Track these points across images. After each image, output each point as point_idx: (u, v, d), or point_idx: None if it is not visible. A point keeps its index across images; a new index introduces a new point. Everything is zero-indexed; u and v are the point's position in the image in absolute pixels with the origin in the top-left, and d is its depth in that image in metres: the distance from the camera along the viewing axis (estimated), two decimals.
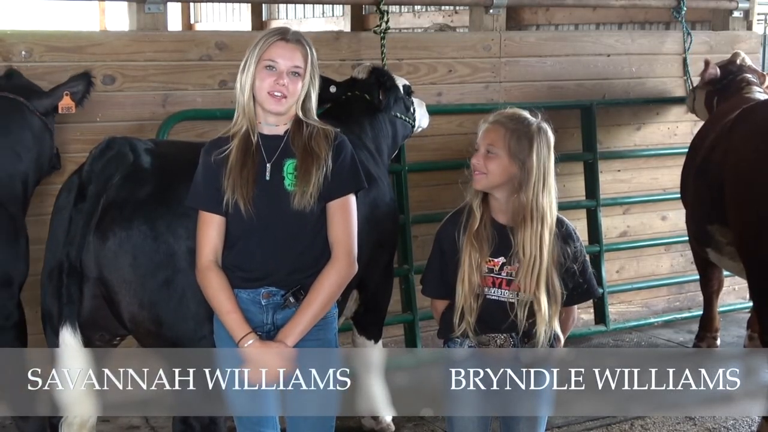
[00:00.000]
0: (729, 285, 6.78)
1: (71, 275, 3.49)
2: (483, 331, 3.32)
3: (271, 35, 3.20)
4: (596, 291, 3.51)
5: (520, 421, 3.42)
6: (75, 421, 3.51)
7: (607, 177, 6.77)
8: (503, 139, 3.27)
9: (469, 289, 3.29)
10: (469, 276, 3.29)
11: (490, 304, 3.31)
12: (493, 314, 3.31)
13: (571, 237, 3.37)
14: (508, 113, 3.35)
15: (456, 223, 3.37)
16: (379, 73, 4.90)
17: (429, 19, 11.10)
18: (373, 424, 4.94)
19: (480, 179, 3.30)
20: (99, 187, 3.53)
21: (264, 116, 3.24)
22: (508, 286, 3.30)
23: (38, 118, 4.40)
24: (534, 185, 3.26)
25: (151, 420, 5.04)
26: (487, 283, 3.31)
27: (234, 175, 3.18)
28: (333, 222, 3.25)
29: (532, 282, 3.24)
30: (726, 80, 6.09)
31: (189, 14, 16.38)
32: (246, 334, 3.19)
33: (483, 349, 3.33)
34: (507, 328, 3.31)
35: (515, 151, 3.26)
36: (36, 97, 4.44)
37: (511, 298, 3.29)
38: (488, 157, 3.28)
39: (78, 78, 4.56)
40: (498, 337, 3.33)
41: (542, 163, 3.28)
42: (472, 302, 3.29)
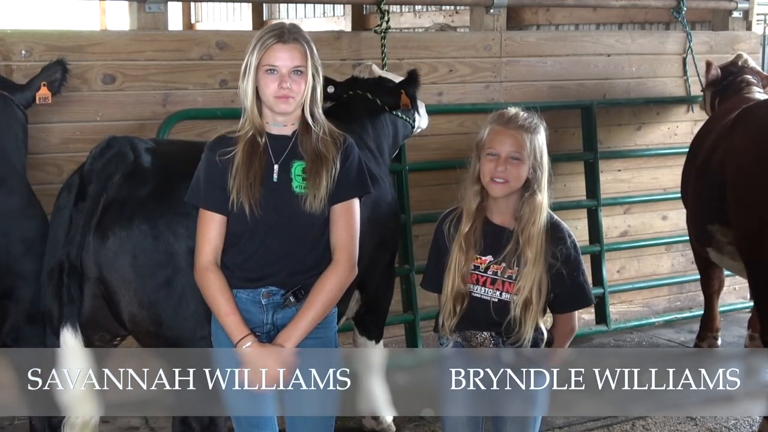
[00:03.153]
0: (730, 285, 6.79)
1: (71, 275, 3.48)
2: (466, 328, 3.33)
3: (268, 37, 3.15)
4: (589, 299, 3.45)
5: (507, 422, 3.41)
6: (77, 421, 3.49)
7: (608, 177, 6.77)
8: (528, 145, 3.24)
9: (451, 289, 3.30)
10: (454, 277, 3.30)
11: (474, 302, 3.31)
12: (476, 312, 3.31)
13: (563, 240, 3.32)
14: (517, 115, 3.30)
15: (449, 221, 3.37)
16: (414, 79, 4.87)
17: (430, 18, 11.10)
18: (373, 425, 4.93)
19: (503, 188, 3.25)
20: (99, 186, 3.52)
21: (272, 116, 3.22)
22: (492, 284, 3.30)
23: (22, 112, 4.40)
24: (544, 182, 3.27)
25: (150, 420, 5.04)
26: (472, 280, 3.31)
27: (240, 176, 3.15)
28: (336, 225, 3.24)
29: (528, 283, 3.24)
30: (726, 81, 6.10)
31: (190, 14, 16.39)
32: (244, 336, 3.17)
33: (466, 347, 3.34)
34: (489, 326, 3.31)
35: (534, 153, 3.25)
36: (18, 91, 4.44)
37: (494, 297, 3.30)
38: (512, 164, 3.23)
39: (53, 66, 4.56)
40: (479, 334, 3.33)
41: (548, 161, 3.30)
42: (456, 301, 3.30)
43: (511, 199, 3.30)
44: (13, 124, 4.31)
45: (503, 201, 3.31)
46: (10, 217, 3.94)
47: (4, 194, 3.98)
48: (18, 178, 4.12)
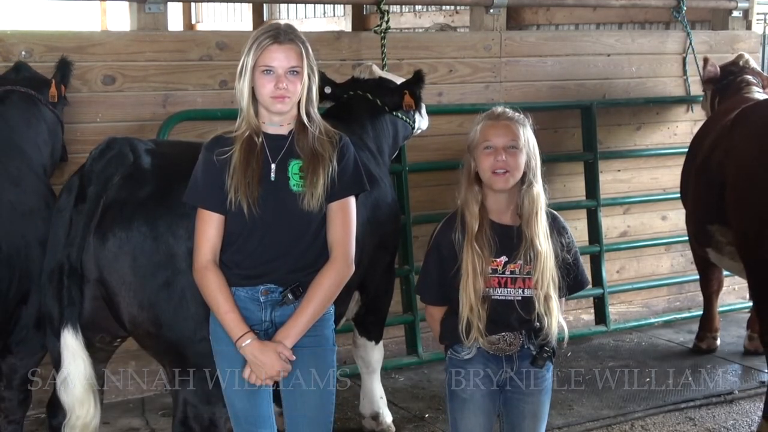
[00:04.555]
0: (729, 285, 6.79)
1: (72, 276, 3.48)
2: (492, 332, 3.32)
3: (264, 38, 3.17)
4: (587, 280, 3.54)
5: (525, 419, 3.41)
6: (77, 423, 3.49)
7: (607, 177, 6.77)
8: (521, 134, 3.27)
9: (475, 296, 3.26)
10: (474, 282, 3.26)
11: (497, 304, 3.30)
12: (501, 314, 3.30)
13: (564, 228, 3.40)
14: (505, 110, 3.35)
15: (454, 229, 3.34)
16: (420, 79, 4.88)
17: (430, 19, 11.10)
18: (373, 425, 4.93)
19: (507, 179, 3.26)
20: (99, 187, 3.52)
21: (269, 116, 3.24)
22: (513, 284, 3.30)
23: (50, 111, 4.43)
24: (539, 173, 3.29)
25: (150, 421, 5.04)
26: (492, 284, 3.30)
27: (238, 176, 3.17)
28: (333, 223, 3.26)
29: (546, 275, 3.26)
30: (726, 81, 6.10)
31: (190, 14, 16.39)
32: (244, 334, 3.19)
33: (494, 349, 3.33)
34: (516, 325, 3.32)
35: (528, 143, 3.28)
36: (45, 89, 4.48)
37: (517, 295, 3.30)
38: (511, 153, 3.26)
39: (61, 66, 4.61)
40: (508, 335, 3.33)
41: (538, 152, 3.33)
42: (480, 308, 3.27)
43: (512, 193, 3.31)
44: (35, 124, 4.32)
45: (504, 197, 3.31)
46: (26, 218, 3.93)
47: (20, 194, 3.96)
48: (35, 178, 4.11)
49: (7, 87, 4.38)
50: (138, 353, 4.78)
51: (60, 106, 4.57)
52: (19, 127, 4.25)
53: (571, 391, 5.51)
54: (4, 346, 3.99)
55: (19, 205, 3.91)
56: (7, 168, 3.99)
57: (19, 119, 4.28)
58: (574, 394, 5.47)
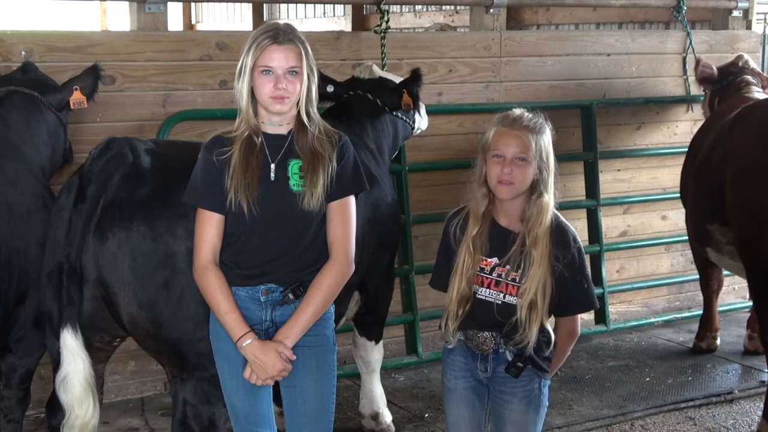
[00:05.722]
0: (729, 284, 6.79)
1: (71, 276, 3.48)
2: (469, 328, 3.35)
3: (263, 38, 3.17)
4: (591, 303, 3.44)
5: (507, 423, 3.41)
6: (76, 422, 3.49)
7: (607, 177, 6.78)
8: (533, 145, 3.23)
9: (457, 292, 3.31)
10: (460, 279, 3.31)
11: (478, 303, 3.32)
12: (479, 313, 3.32)
13: (568, 244, 3.31)
14: (522, 116, 3.29)
15: (455, 223, 3.38)
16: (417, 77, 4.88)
17: (430, 18, 11.10)
18: (373, 425, 4.93)
19: (510, 190, 3.24)
20: (98, 187, 3.52)
21: (268, 116, 3.25)
22: (497, 286, 3.30)
23: (53, 113, 4.42)
24: (551, 184, 3.26)
25: (150, 421, 5.05)
26: (477, 282, 3.32)
27: (237, 176, 3.17)
28: (333, 222, 3.27)
29: (533, 285, 3.24)
30: (726, 81, 6.10)
31: (190, 14, 16.38)
32: (244, 334, 3.19)
33: (471, 344, 3.35)
34: (491, 326, 3.32)
35: (540, 154, 3.24)
36: (50, 92, 4.46)
37: (497, 299, 3.31)
38: (518, 165, 3.23)
39: (87, 72, 4.58)
40: (481, 334, 3.34)
41: (554, 161, 3.30)
42: (460, 303, 3.31)
43: (519, 200, 3.29)
44: (35, 125, 4.32)
45: (510, 203, 3.30)
46: (24, 219, 3.92)
47: (17, 195, 3.96)
48: (33, 179, 4.11)
49: (9, 87, 4.38)
50: (138, 353, 4.80)
51: (65, 111, 4.55)
52: (18, 127, 4.24)
53: (571, 390, 5.51)
54: (3, 345, 3.99)
55: (16, 206, 3.91)
56: (5, 169, 3.99)
57: (19, 120, 4.28)
58: (574, 393, 5.48)
